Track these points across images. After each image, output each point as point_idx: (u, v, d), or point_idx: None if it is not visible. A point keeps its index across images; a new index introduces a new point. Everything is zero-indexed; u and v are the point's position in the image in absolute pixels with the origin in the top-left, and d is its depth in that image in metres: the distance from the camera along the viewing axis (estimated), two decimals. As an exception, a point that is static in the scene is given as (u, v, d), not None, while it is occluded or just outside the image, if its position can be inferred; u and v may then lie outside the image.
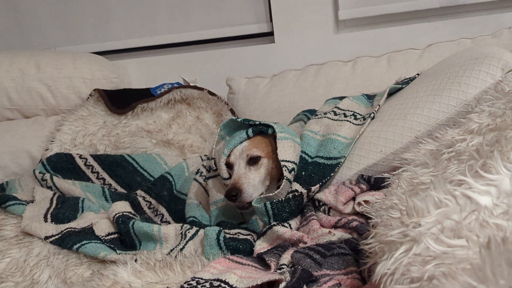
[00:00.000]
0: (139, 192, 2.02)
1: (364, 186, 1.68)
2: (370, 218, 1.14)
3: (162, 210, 1.99)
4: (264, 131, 1.84)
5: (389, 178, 1.45)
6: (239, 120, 1.91)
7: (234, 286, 1.29)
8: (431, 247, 0.76)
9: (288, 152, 1.74)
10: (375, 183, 1.66)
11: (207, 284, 1.30)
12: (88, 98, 2.60)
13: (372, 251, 1.01)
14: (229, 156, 1.79)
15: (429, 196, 0.87)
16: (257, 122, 1.85)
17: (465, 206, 0.81)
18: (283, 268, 1.32)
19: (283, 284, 1.20)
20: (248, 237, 1.63)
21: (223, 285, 1.30)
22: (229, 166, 1.79)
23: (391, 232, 0.89)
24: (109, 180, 2.18)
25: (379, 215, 1.03)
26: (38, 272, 1.64)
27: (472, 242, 0.73)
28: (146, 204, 1.98)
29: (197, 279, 1.32)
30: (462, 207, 0.81)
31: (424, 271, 0.73)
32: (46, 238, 1.75)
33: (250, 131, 1.83)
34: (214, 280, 1.32)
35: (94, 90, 2.59)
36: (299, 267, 1.29)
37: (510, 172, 0.84)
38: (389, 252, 0.86)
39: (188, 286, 1.28)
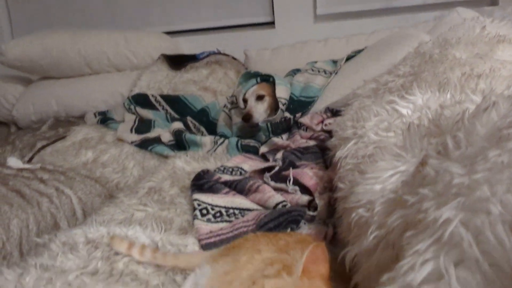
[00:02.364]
0: (188, 117, 1.99)
1: (329, 114, 1.66)
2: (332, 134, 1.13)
3: (202, 129, 1.97)
4: (267, 80, 1.80)
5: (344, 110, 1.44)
6: (251, 72, 1.87)
7: (246, 170, 1.30)
8: (372, 137, 0.75)
9: (282, 92, 1.72)
10: (336, 112, 1.64)
11: (230, 169, 1.31)
12: (157, 60, 2.55)
13: (332, 146, 1.01)
14: (245, 94, 1.77)
15: (371, 110, 0.86)
16: (263, 73, 1.81)
17: (393, 115, 0.80)
18: (277, 160, 1.32)
19: (277, 168, 1.21)
20: (256, 144, 1.62)
21: (240, 169, 1.31)
22: (245, 101, 1.76)
23: (346, 132, 0.88)
24: (170, 110, 2.15)
25: (338, 124, 1.02)
26: (127, 162, 1.65)
27: (397, 134, 0.72)
28: (193, 125, 1.96)
29: (223, 166, 1.33)
30: (391, 116, 0.80)
31: (366, 150, 0.73)
32: (132, 142, 1.74)
33: (258, 79, 1.79)
34: (235, 167, 1.32)
35: (161, 54, 2.53)
36: (287, 159, 1.29)
37: (422, 95, 0.83)
38: (344, 144, 0.86)
39: (218, 170, 1.29)
